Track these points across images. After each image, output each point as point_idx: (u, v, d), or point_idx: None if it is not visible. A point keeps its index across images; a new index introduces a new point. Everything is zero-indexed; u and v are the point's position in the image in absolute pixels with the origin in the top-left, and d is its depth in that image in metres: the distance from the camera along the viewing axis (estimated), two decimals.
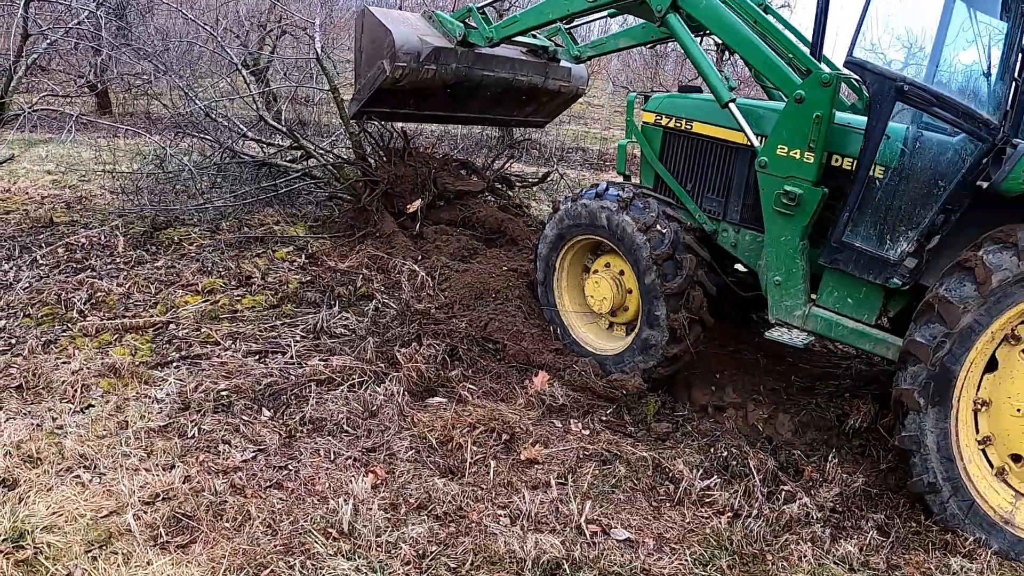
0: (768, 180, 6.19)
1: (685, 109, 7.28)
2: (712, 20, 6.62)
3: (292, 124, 10.47)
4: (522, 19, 8.53)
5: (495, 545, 4.60)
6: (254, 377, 6.41)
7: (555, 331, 7.55)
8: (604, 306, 7.16)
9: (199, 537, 4.52)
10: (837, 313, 6.12)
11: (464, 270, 8.42)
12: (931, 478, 5.16)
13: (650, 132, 7.54)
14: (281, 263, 8.84)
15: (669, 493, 5.43)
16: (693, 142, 7.22)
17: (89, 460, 5.18)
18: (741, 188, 6.88)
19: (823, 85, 5.80)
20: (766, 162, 6.16)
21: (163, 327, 7.30)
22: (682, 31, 6.84)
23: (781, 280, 6.28)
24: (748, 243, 6.88)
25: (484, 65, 9.46)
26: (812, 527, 5.12)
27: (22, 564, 4.18)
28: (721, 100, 6.46)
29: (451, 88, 9.49)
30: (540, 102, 10.61)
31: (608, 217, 6.91)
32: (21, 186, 11.83)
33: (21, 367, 6.36)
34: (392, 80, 8.94)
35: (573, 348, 7.36)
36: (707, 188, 7.15)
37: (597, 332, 7.52)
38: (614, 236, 6.91)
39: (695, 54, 6.74)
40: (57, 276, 8.19)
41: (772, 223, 6.26)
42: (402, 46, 8.76)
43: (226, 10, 17.01)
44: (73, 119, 9.49)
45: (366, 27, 9.21)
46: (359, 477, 5.16)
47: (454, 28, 9.05)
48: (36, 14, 9.26)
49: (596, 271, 7.29)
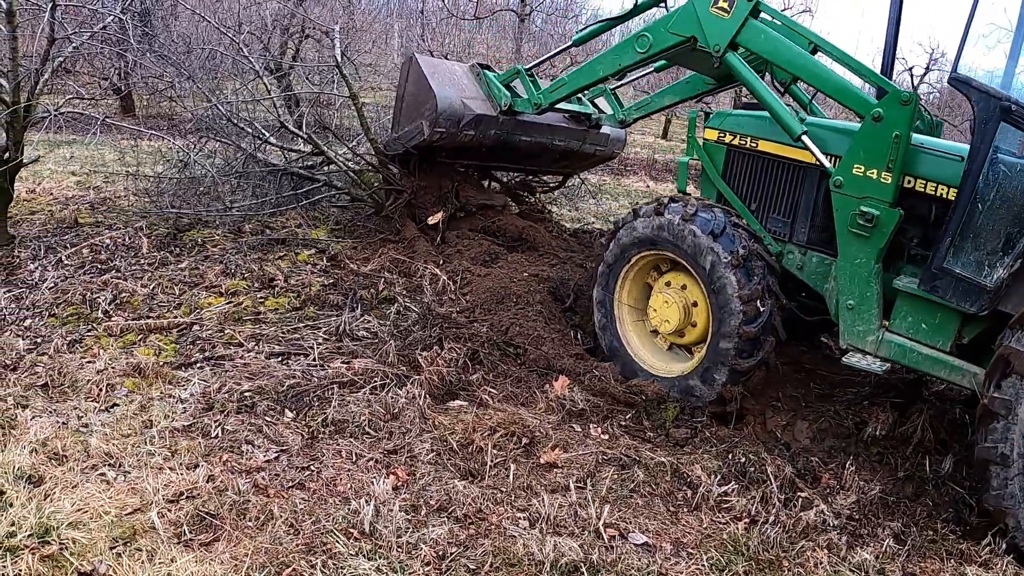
0: (843, 200, 6.06)
1: (750, 127, 7.11)
2: (774, 52, 6.54)
3: (314, 129, 10.48)
4: (571, 80, 8.35)
5: (514, 547, 4.63)
6: (277, 378, 6.47)
7: (609, 350, 7.32)
8: (668, 325, 6.89)
9: (222, 535, 4.57)
10: (911, 339, 5.92)
11: (485, 275, 8.44)
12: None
13: (712, 149, 7.38)
14: (304, 266, 8.90)
15: (687, 498, 5.45)
16: (758, 161, 7.05)
17: (114, 458, 5.25)
18: (809, 209, 6.72)
19: (902, 104, 5.73)
20: (841, 182, 6.04)
21: (187, 328, 7.37)
22: (744, 69, 6.71)
23: (854, 304, 6.11)
24: (815, 266, 6.70)
25: (524, 131, 9.39)
26: (828, 534, 5.13)
27: (47, 559, 4.22)
28: (793, 134, 6.37)
29: (487, 149, 9.48)
30: (574, 162, 10.63)
31: (681, 232, 6.64)
32: (46, 187, 11.95)
33: (47, 366, 6.45)
34: (429, 142, 8.97)
35: (636, 371, 7.08)
36: (773, 208, 6.98)
37: (656, 352, 7.26)
38: (682, 250, 6.67)
39: (760, 91, 6.61)
40: (82, 276, 8.27)
41: (846, 245, 6.13)
42: (444, 111, 8.71)
43: (249, 15, 17.08)
44: (99, 123, 9.54)
45: (411, 77, 9.11)
46: (380, 478, 5.20)
47: (500, 96, 8.99)
48: (62, 17, 9.33)
49: (660, 290, 7.00)
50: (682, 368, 6.88)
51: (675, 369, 6.94)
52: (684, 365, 6.91)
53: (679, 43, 7.05)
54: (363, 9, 26.81)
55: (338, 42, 10.91)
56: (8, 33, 8.47)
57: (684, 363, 6.97)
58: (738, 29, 6.63)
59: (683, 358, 7.11)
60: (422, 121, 8.85)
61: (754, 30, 6.61)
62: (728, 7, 6.66)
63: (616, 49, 7.71)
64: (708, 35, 6.79)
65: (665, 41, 7.16)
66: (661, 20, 7.26)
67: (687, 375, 6.74)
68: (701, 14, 6.80)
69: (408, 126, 9.11)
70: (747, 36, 6.63)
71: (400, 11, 35.90)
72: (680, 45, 7.07)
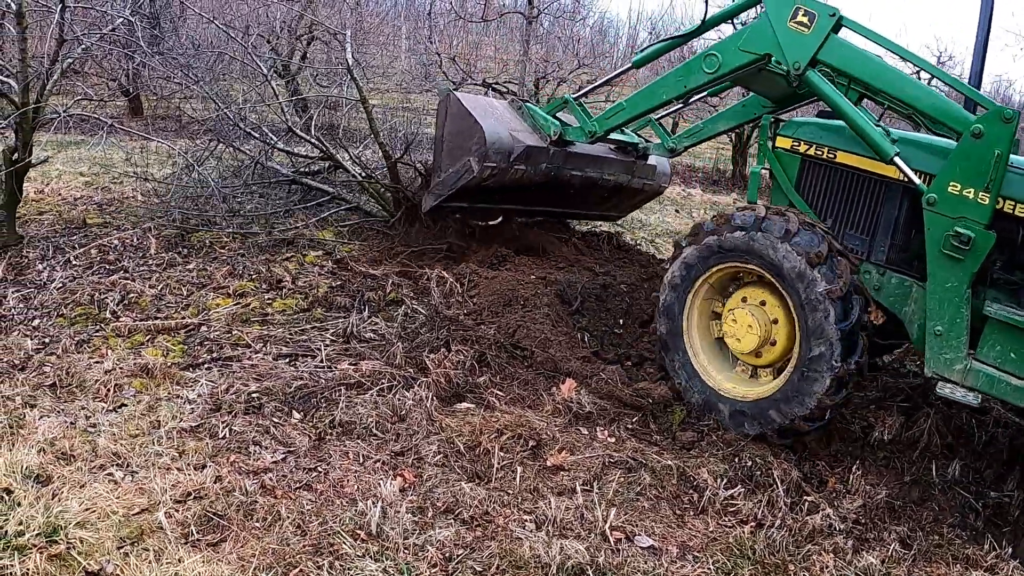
0: (936, 220, 5.71)
1: (828, 136, 6.77)
2: (860, 68, 6.25)
3: (322, 132, 10.51)
4: (630, 105, 7.90)
5: (520, 550, 4.64)
6: (284, 380, 6.47)
7: (676, 374, 6.83)
8: (746, 345, 6.41)
9: (229, 536, 4.57)
10: (999, 369, 5.55)
11: (493, 277, 8.45)
12: None
13: (786, 159, 7.02)
14: (311, 267, 8.91)
15: (693, 501, 5.46)
16: (836, 173, 6.74)
17: (122, 458, 5.25)
18: (890, 227, 6.44)
19: (1004, 121, 5.44)
20: (935, 199, 5.69)
21: (195, 329, 7.39)
22: (827, 87, 6.33)
23: (943, 330, 5.71)
24: (894, 288, 6.39)
25: (574, 164, 8.99)
26: (835, 538, 5.13)
27: (55, 559, 4.24)
28: (885, 157, 6.04)
29: (536, 186, 9.04)
30: (622, 199, 10.27)
31: (765, 246, 6.15)
32: (54, 187, 11.95)
33: (55, 366, 6.46)
34: (479, 180, 8.51)
35: (705, 397, 6.62)
36: (850, 224, 6.69)
37: (727, 374, 6.72)
38: (771, 265, 6.16)
39: (847, 109, 6.24)
40: (90, 277, 8.29)
41: (937, 267, 5.73)
42: (493, 144, 8.29)
43: (256, 17, 17.11)
44: (107, 125, 9.56)
45: (451, 114, 8.68)
46: (387, 480, 5.21)
47: (548, 126, 8.64)
48: (71, 19, 9.35)
49: (733, 308, 6.50)
50: (759, 391, 6.41)
51: (751, 393, 6.44)
52: (759, 388, 6.45)
53: (753, 61, 6.68)
54: (371, 11, 26.81)
55: (349, 45, 10.89)
56: (18, 34, 8.50)
57: (759, 386, 6.50)
58: (820, 45, 6.29)
59: (757, 382, 6.61)
60: (469, 158, 8.40)
61: (837, 45, 6.32)
62: (808, 22, 6.31)
63: (681, 70, 7.34)
64: (787, 52, 6.42)
65: (737, 60, 6.77)
66: (731, 37, 6.93)
67: (765, 399, 6.28)
68: (778, 29, 6.44)
69: (453, 166, 8.64)
70: (830, 52, 6.31)
71: (408, 13, 35.98)
72: (753, 64, 6.70)
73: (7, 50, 13.39)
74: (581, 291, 8.27)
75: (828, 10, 6.25)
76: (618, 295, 8.52)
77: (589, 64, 22.45)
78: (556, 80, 19.35)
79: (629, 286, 8.78)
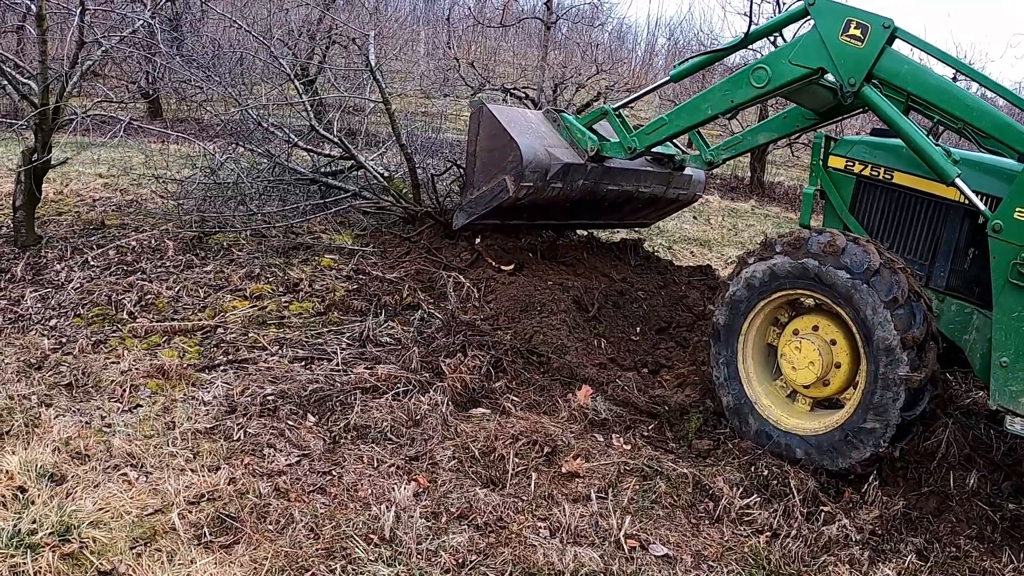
0: (1002, 247, 5.42)
1: (884, 156, 6.46)
2: (918, 84, 6.03)
3: (344, 132, 10.52)
4: (672, 120, 7.57)
5: (534, 557, 4.62)
6: (300, 383, 6.46)
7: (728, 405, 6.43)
8: (800, 377, 6.04)
9: (242, 538, 4.57)
10: None
11: (510, 282, 8.41)
12: None
13: (839, 179, 6.69)
14: (328, 271, 8.91)
15: (708, 510, 5.42)
16: (893, 195, 6.43)
17: (136, 459, 5.27)
18: (950, 251, 6.14)
19: None
20: (1001, 226, 5.41)
21: (211, 331, 7.40)
22: (885, 104, 6.06)
23: (1009, 362, 5.38)
24: (953, 315, 6.08)
25: (611, 179, 8.68)
26: (850, 549, 5.08)
27: (67, 558, 4.25)
28: (947, 179, 5.77)
29: (571, 203, 8.81)
30: (656, 210, 10.08)
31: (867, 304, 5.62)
32: (73, 188, 12.04)
33: (71, 365, 6.49)
34: (514, 199, 8.23)
35: (737, 403, 6.34)
36: (907, 248, 6.37)
37: (766, 386, 6.39)
38: (863, 326, 5.66)
39: (906, 128, 5.96)
40: (108, 277, 8.31)
41: (1004, 296, 5.44)
42: (529, 163, 7.96)
43: (278, 20, 17.17)
44: (124, 124, 9.58)
45: (484, 128, 8.38)
46: (402, 485, 5.20)
47: (585, 141, 8.31)
48: (92, 21, 9.38)
49: (790, 337, 6.14)
50: (793, 423, 6.15)
51: (784, 419, 6.18)
52: (795, 420, 6.17)
53: (804, 76, 6.47)
54: (389, 16, 26.88)
55: (373, 48, 10.88)
56: (38, 36, 8.54)
57: (794, 416, 6.22)
58: (876, 59, 6.06)
59: (792, 404, 6.32)
60: (505, 177, 8.10)
61: (894, 59, 6.11)
62: (861, 34, 6.07)
63: (727, 84, 7.06)
64: (840, 67, 6.18)
65: (788, 74, 6.52)
66: (781, 51, 6.66)
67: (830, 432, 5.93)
68: (829, 43, 6.20)
69: (487, 185, 8.34)
70: (886, 66, 6.09)
71: (427, 18, 36.09)
72: (805, 78, 6.50)
73: (28, 52, 13.46)
74: (598, 297, 8.24)
75: (882, 21, 6.05)
76: (635, 302, 8.50)
77: (608, 70, 22.45)
78: (575, 85, 19.36)
79: (646, 293, 8.75)
